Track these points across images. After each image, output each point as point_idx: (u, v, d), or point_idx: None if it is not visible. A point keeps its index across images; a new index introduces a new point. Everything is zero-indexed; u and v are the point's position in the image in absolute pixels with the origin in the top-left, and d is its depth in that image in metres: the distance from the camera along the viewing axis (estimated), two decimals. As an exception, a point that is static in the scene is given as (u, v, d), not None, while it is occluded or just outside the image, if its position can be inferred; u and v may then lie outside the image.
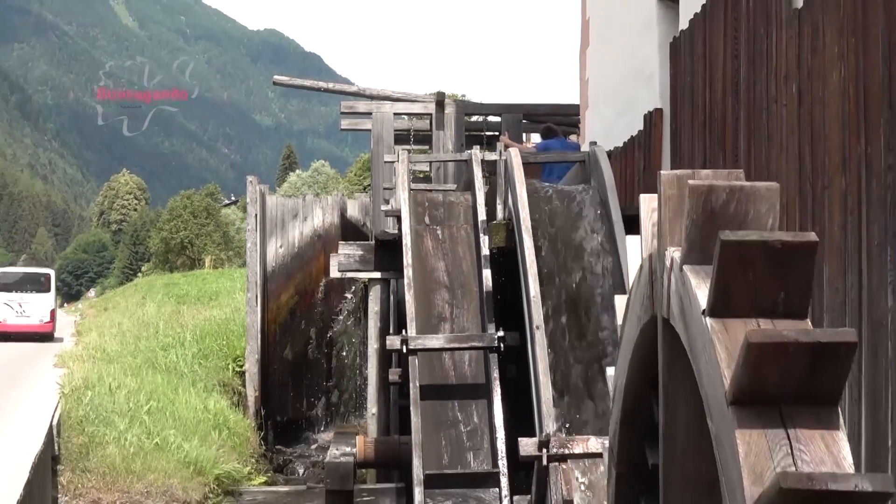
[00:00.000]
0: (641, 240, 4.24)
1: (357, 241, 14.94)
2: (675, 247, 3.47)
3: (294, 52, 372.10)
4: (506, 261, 11.60)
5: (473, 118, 22.89)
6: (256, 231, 21.71)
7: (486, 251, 11.48)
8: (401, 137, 21.23)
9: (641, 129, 12.66)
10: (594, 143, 12.87)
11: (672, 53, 11.39)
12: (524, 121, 21.73)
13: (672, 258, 3.48)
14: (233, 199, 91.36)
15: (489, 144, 18.01)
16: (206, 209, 77.77)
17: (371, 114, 21.23)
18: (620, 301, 4.58)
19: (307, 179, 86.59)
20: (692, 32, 10.51)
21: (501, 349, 10.75)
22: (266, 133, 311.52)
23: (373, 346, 13.95)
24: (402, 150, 13.56)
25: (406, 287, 11.35)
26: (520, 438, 8.94)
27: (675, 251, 3.46)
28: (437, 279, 11.80)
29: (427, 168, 22.65)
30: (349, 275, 14.95)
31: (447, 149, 20.69)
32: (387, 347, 11.39)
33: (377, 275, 13.75)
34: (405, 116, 22.20)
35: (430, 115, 21.42)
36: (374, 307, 14.00)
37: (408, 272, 11.37)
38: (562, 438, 8.70)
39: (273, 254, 23.45)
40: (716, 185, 3.36)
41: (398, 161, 13.08)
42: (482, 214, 11.83)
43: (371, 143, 21.51)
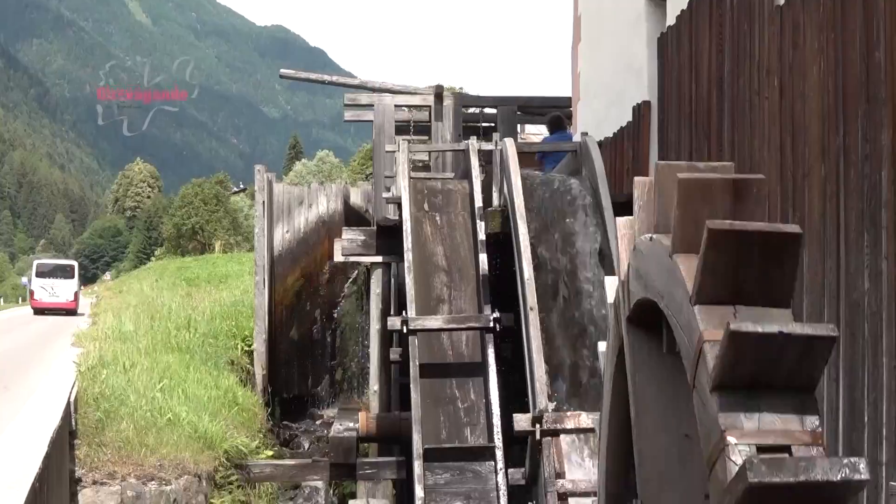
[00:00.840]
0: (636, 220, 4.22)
1: (360, 227, 14.92)
2: (665, 233, 3.46)
3: (300, 47, 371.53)
4: (501, 246, 11.60)
5: (471, 110, 22.83)
6: (264, 217, 21.69)
7: (483, 236, 11.48)
8: (401, 128, 21.18)
9: (630, 121, 12.65)
10: (585, 134, 12.85)
11: (660, 48, 11.36)
12: (518, 113, 21.68)
13: (661, 244, 3.47)
14: (241, 187, 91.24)
15: (486, 135, 17.96)
16: (216, 196, 77.65)
17: (373, 106, 21.18)
18: (611, 282, 4.58)
19: (312, 168, 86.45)
20: (679, 28, 10.48)
21: (497, 329, 10.75)
22: (273, 124, 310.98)
23: (374, 327, 13.95)
24: (403, 141, 13.53)
25: (406, 270, 11.35)
26: (514, 414, 8.98)
27: (665, 238, 3.45)
28: (436, 263, 11.80)
29: (426, 157, 22.61)
30: (352, 259, 14.93)
31: (445, 139, 20.65)
32: (388, 328, 11.40)
33: (379, 259, 13.74)
34: (405, 108, 22.14)
35: (430, 107, 21.37)
36: (376, 290, 14.00)
37: (408, 256, 11.37)
38: (554, 414, 8.72)
39: (280, 239, 23.44)
40: (706, 178, 3.35)
41: (399, 151, 13.06)
42: (479, 201, 11.82)
43: (373, 134, 21.46)
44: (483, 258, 11.31)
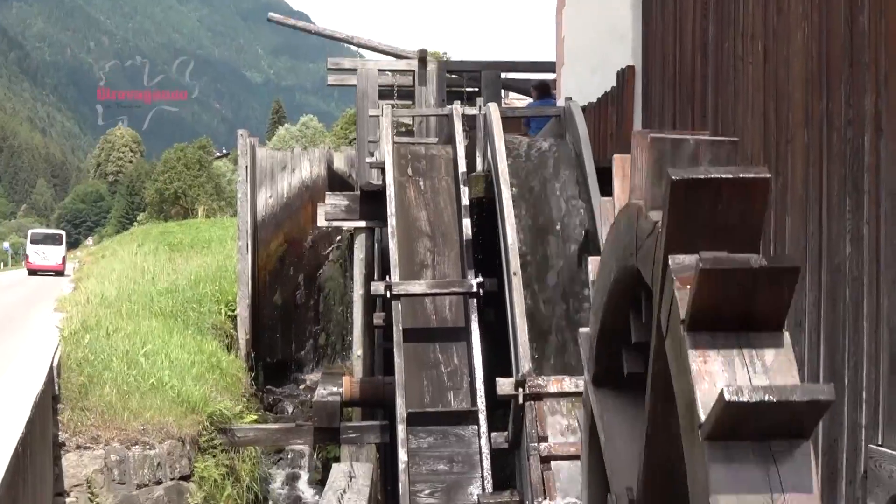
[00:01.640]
0: (614, 194, 4.25)
1: (343, 192, 14.88)
2: (642, 198, 3.48)
3: (283, 11, 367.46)
4: (485, 211, 11.60)
5: (454, 75, 22.74)
6: (247, 182, 21.62)
7: (466, 201, 11.47)
8: (385, 93, 21.08)
9: (614, 86, 12.62)
10: (569, 99, 12.82)
11: (644, 13, 11.33)
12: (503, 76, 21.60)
13: (636, 206, 3.50)
14: (224, 152, 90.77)
15: (469, 100, 17.91)
16: (199, 161, 77.26)
17: (356, 70, 21.08)
18: (592, 262, 4.61)
19: (295, 133, 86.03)
20: (664, -7, 10.44)
21: (480, 294, 10.77)
22: (256, 89, 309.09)
23: (358, 292, 13.95)
24: (386, 105, 13.48)
25: (390, 235, 11.34)
26: (497, 378, 9.01)
27: (640, 201, 3.47)
28: (420, 228, 11.79)
29: (410, 122, 22.55)
30: (335, 224, 14.91)
31: (429, 104, 20.58)
32: (371, 293, 11.40)
33: (362, 224, 13.72)
34: (389, 73, 22.04)
35: (413, 72, 21.27)
36: (360, 255, 13.99)
37: (391, 221, 11.36)
38: (537, 378, 8.76)
39: (263, 204, 23.38)
40: (677, 137, 3.37)
41: (382, 115, 13.02)
42: (462, 166, 11.80)
43: (356, 99, 21.36)
44: (467, 223, 11.30)
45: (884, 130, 5.42)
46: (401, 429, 9.93)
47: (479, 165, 12.33)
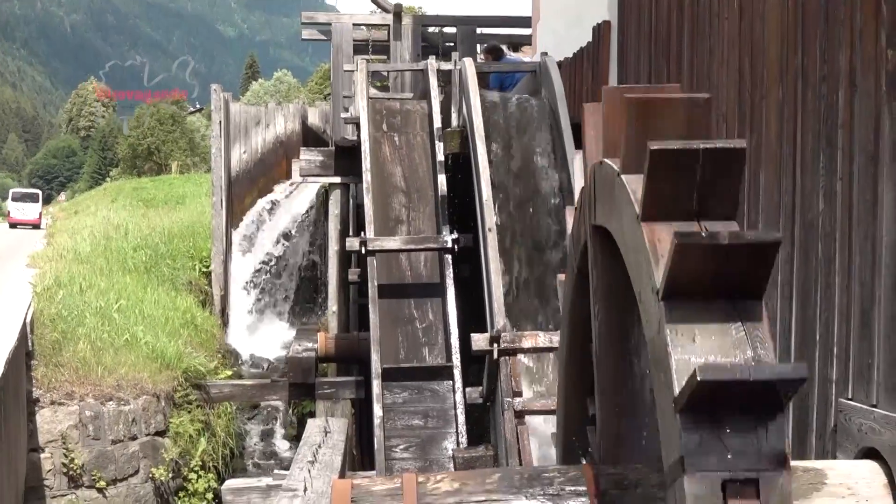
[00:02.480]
0: (584, 147, 4.23)
1: (318, 147, 14.82)
2: (615, 157, 3.47)
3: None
4: (460, 166, 11.58)
5: (430, 30, 22.61)
6: (221, 138, 21.49)
7: (441, 157, 11.45)
8: (359, 48, 20.97)
9: (590, 41, 12.58)
10: (545, 55, 12.77)
11: (620, -32, 11.26)
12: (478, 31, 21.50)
13: (610, 167, 3.49)
14: (198, 107, 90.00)
15: (444, 55, 17.83)
16: (172, 116, 76.59)
17: (331, 24, 20.93)
18: (569, 212, 4.62)
19: (269, 88, 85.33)
20: (640, -53, 10.38)
21: (455, 250, 10.78)
22: (229, 43, 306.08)
23: (333, 248, 13.94)
24: (361, 60, 13.40)
25: (365, 191, 11.31)
26: (472, 334, 9.04)
27: (614, 162, 3.46)
28: (395, 184, 11.77)
29: (385, 77, 22.43)
30: (310, 179, 14.88)
31: (404, 59, 20.48)
32: (346, 249, 11.39)
33: (337, 179, 13.69)
34: (364, 27, 21.90)
35: (388, 27, 21.15)
36: (335, 210, 13.97)
37: (366, 177, 11.32)
38: (511, 333, 8.79)
39: (237, 159, 23.27)
40: (652, 97, 3.36)
41: (357, 70, 12.93)
42: (437, 122, 11.76)
43: (331, 54, 21.23)
44: (442, 179, 11.28)
45: (858, 87, 5.43)
46: (376, 384, 9.97)
47: (455, 121, 12.30)
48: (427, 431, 9.95)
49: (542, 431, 8.99)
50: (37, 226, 43.79)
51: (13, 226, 44.78)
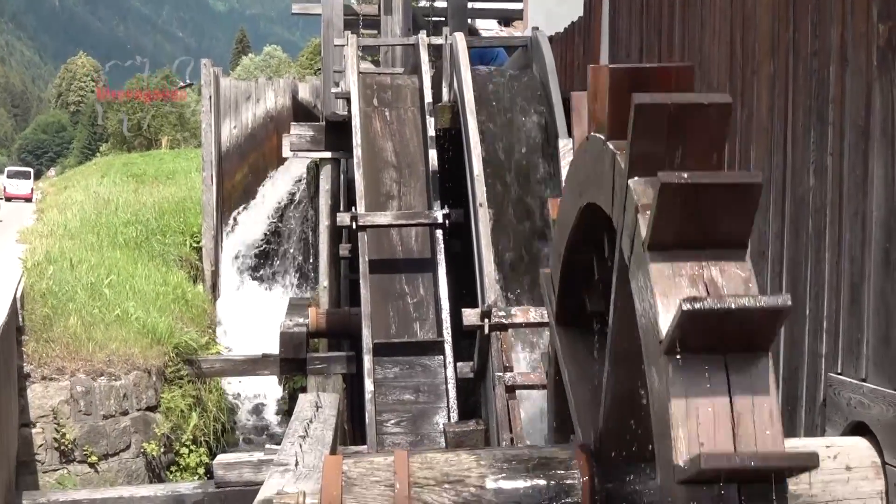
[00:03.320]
0: (573, 137, 4.24)
1: (308, 123, 14.76)
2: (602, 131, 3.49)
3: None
4: (451, 141, 11.55)
5: (421, 3, 22.49)
6: (211, 113, 21.41)
7: (432, 132, 11.42)
8: (350, 22, 20.83)
9: (582, 16, 12.54)
10: (536, 29, 12.72)
11: (612, -58, 11.21)
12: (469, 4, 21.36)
13: (597, 138, 3.50)
14: (188, 82, 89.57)
15: (436, 29, 17.74)
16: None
17: (321, -1, 20.80)
18: (553, 204, 4.63)
19: (260, 63, 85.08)
20: (632, -79, 10.33)
21: (446, 225, 10.77)
22: (219, 18, 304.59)
23: (324, 223, 13.91)
24: (352, 35, 13.33)
25: (356, 166, 11.28)
26: (463, 309, 9.04)
27: (602, 133, 3.48)
28: (386, 159, 11.74)
29: (376, 52, 22.33)
30: (301, 155, 14.83)
31: (395, 34, 20.37)
32: (337, 224, 11.37)
33: (328, 154, 13.65)
34: (354, 1, 21.77)
35: (379, 1, 21.02)
36: (325, 185, 13.93)
37: (357, 152, 11.29)
38: (503, 308, 8.79)
39: (227, 134, 23.19)
40: (635, 66, 3.39)
41: (348, 45, 12.88)
42: (428, 97, 11.72)
43: (321, 28, 21.12)
44: (433, 154, 11.26)
45: (849, 62, 5.43)
46: (367, 359, 9.98)
47: (446, 96, 12.26)
48: (418, 406, 9.97)
49: (532, 405, 9.02)
50: (29, 199, 47.67)
51: (9, 199, 48.58)
